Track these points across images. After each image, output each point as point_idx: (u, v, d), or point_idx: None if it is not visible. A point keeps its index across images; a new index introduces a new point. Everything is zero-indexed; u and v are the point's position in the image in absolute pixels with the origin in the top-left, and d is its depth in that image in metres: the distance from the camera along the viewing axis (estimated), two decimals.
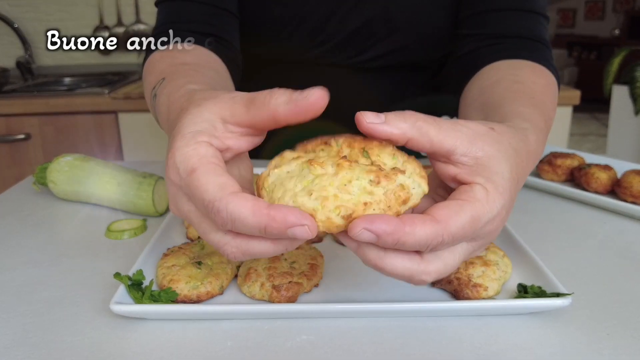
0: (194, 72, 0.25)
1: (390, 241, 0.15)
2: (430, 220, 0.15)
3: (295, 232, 0.14)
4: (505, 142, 0.18)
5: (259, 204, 0.15)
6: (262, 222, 0.14)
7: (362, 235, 0.15)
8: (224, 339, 0.21)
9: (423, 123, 0.16)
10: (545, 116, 0.24)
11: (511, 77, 0.27)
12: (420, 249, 0.15)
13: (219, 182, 0.15)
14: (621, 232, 0.32)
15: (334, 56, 0.37)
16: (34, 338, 0.21)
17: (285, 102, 0.15)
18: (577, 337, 0.21)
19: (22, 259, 0.29)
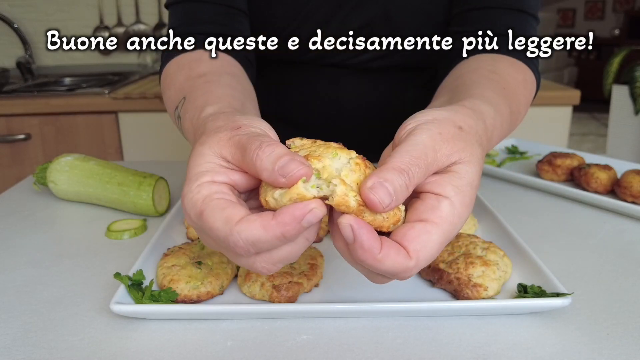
0: (211, 85, 0.26)
1: (359, 255, 0.15)
2: (404, 255, 0.16)
3: (309, 219, 0.15)
4: (474, 142, 0.18)
5: (265, 220, 0.15)
6: (278, 232, 0.15)
7: (343, 227, 0.15)
8: (224, 339, 0.21)
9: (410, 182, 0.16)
10: (512, 107, 0.24)
11: (489, 67, 0.27)
12: (376, 278, 0.17)
13: (223, 218, 0.16)
14: (621, 232, 0.32)
15: (335, 57, 0.38)
16: (34, 338, 0.21)
17: (268, 172, 0.16)
18: (577, 337, 0.21)
19: (22, 259, 0.29)
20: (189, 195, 0.16)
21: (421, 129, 0.17)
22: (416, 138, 0.17)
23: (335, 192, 0.15)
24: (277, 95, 0.42)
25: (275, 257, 0.16)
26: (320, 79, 0.39)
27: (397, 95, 0.41)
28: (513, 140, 0.51)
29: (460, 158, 0.17)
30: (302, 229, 0.15)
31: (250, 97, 0.28)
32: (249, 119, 0.19)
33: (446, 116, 0.18)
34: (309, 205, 0.15)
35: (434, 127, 0.17)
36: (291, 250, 0.16)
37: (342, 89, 0.40)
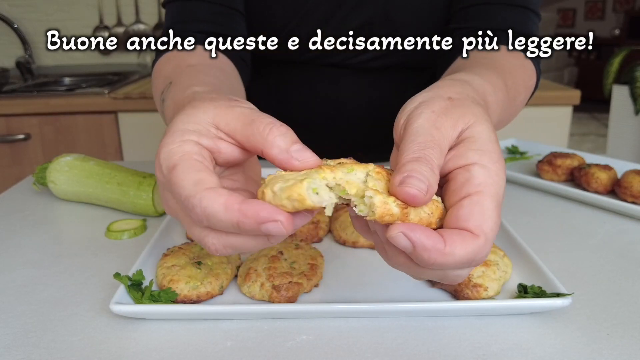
0: (199, 73, 0.25)
1: (425, 258, 0.14)
2: (469, 236, 0.14)
3: (269, 228, 0.14)
4: (470, 104, 0.17)
5: (232, 199, 0.14)
6: (234, 218, 0.14)
7: (397, 239, 0.14)
8: (223, 339, 0.21)
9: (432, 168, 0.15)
10: (507, 82, 0.23)
11: (483, 54, 0.27)
12: (450, 275, 0.15)
13: (195, 178, 0.15)
14: (621, 232, 0.32)
15: (334, 56, 0.38)
16: (33, 338, 0.21)
17: (280, 150, 0.15)
18: (577, 337, 0.21)
19: (22, 259, 0.29)
20: (168, 146, 0.15)
21: (414, 116, 0.16)
22: (413, 126, 0.16)
23: (373, 204, 0.14)
24: (276, 95, 0.42)
25: (227, 241, 0.15)
26: (320, 78, 0.39)
27: (397, 95, 0.41)
28: (513, 140, 0.51)
29: (465, 123, 0.16)
30: (258, 231, 0.14)
31: (237, 93, 0.27)
32: (245, 101, 0.18)
33: (431, 94, 0.17)
34: (277, 214, 0.14)
35: (425, 109, 0.16)
36: (246, 244, 0.15)
37: (342, 89, 0.40)
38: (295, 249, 0.26)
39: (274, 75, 0.41)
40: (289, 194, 0.14)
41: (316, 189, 0.14)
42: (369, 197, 0.14)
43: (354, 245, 0.29)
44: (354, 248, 0.29)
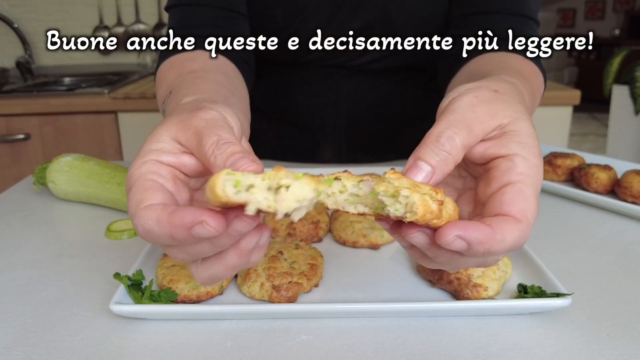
0: (198, 79, 0.25)
1: (481, 250, 0.14)
2: (513, 221, 0.15)
3: (197, 231, 0.14)
4: (514, 100, 0.18)
5: (163, 212, 0.14)
6: (167, 230, 0.14)
7: (454, 244, 0.14)
8: (223, 339, 0.21)
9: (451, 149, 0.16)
10: (531, 88, 0.24)
11: (501, 60, 0.28)
12: (502, 255, 0.15)
13: (138, 199, 0.15)
14: (621, 232, 0.32)
15: (334, 58, 0.38)
16: (33, 338, 0.21)
17: (220, 168, 0.15)
18: (577, 337, 0.21)
19: (22, 259, 0.29)
20: (130, 170, 0.16)
21: (457, 98, 0.17)
22: (453, 106, 0.17)
23: (413, 203, 0.14)
24: (277, 95, 0.42)
25: (188, 250, 0.15)
26: (320, 79, 0.39)
27: (397, 95, 0.41)
28: None
29: (507, 118, 0.17)
30: (191, 237, 0.14)
31: (239, 95, 0.27)
32: (215, 103, 0.18)
33: (480, 84, 0.18)
34: (201, 216, 0.14)
35: (470, 93, 0.17)
36: (205, 250, 0.15)
37: (342, 90, 0.40)
38: (295, 249, 0.26)
39: (274, 77, 0.41)
40: (207, 194, 0.14)
41: (239, 183, 0.13)
42: (406, 196, 0.14)
43: (354, 245, 0.29)
44: (354, 248, 0.29)
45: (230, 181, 0.13)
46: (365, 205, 0.15)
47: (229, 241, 0.15)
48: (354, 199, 0.15)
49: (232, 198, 0.13)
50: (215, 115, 0.17)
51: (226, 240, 0.15)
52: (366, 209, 0.15)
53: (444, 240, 0.14)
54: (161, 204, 0.15)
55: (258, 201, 0.13)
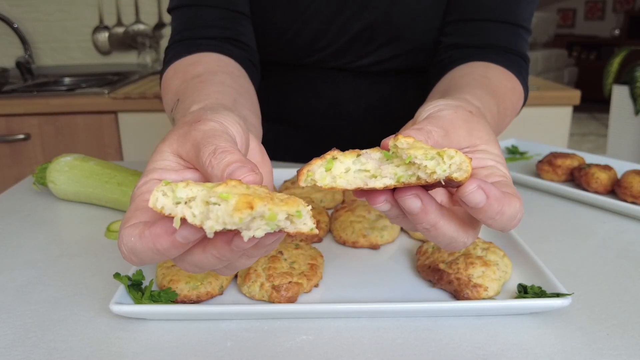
0: (204, 84, 0.25)
1: (495, 207, 0.15)
2: (513, 195, 0.16)
3: (184, 234, 0.14)
4: (485, 123, 0.19)
5: (145, 227, 0.14)
6: (150, 245, 0.14)
7: (475, 194, 0.15)
8: (223, 339, 0.21)
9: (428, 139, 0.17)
10: (499, 107, 0.25)
11: (481, 72, 0.28)
12: (505, 226, 0.16)
13: (126, 218, 0.15)
14: (621, 232, 0.32)
15: (335, 60, 0.37)
16: (33, 338, 0.21)
17: (218, 178, 0.15)
18: (577, 337, 0.21)
19: (21, 259, 0.29)
20: (134, 189, 0.17)
21: (438, 111, 0.18)
22: (434, 115, 0.18)
23: (463, 161, 0.14)
24: (277, 97, 0.41)
25: (188, 261, 0.15)
26: (320, 81, 0.39)
27: (397, 97, 0.41)
28: (513, 140, 0.51)
29: (480, 139, 0.18)
30: (178, 244, 0.14)
31: (246, 94, 0.27)
32: (215, 112, 0.18)
33: (456, 103, 0.19)
34: (173, 220, 0.14)
35: (450, 109, 0.19)
36: (202, 259, 0.15)
37: (342, 91, 0.40)
38: (295, 249, 0.26)
39: (275, 78, 0.41)
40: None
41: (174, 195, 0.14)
42: (451, 156, 0.15)
43: (354, 245, 0.29)
44: (353, 248, 0.29)
45: (165, 192, 0.14)
46: (390, 178, 0.15)
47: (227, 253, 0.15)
48: (364, 174, 0.15)
49: (164, 211, 0.14)
50: (213, 125, 0.17)
51: (225, 249, 0.15)
52: (391, 180, 0.15)
53: (467, 189, 0.15)
54: (145, 221, 0.15)
55: (184, 212, 0.14)
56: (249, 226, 0.13)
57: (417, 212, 0.16)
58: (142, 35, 1.08)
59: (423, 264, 0.26)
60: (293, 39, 0.36)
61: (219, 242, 0.14)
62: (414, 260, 0.28)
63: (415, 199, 0.15)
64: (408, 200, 0.15)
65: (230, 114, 0.18)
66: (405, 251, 0.29)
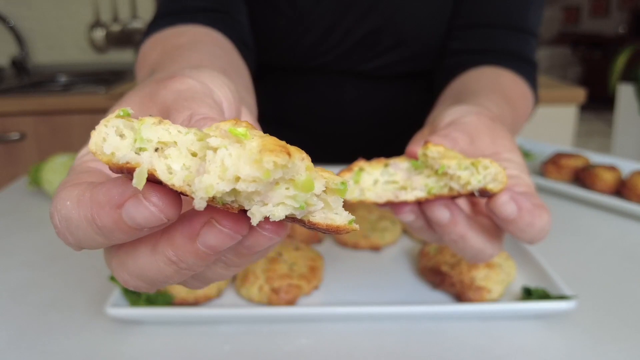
0: (187, 51, 0.20)
1: (527, 219, 0.15)
2: (544, 207, 0.16)
3: (128, 210, 0.08)
4: (506, 130, 0.19)
5: (86, 190, 0.09)
6: (87, 213, 0.09)
7: (506, 206, 0.15)
8: (221, 343, 0.21)
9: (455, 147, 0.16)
10: (513, 114, 0.25)
11: (493, 77, 0.28)
12: (533, 238, 0.16)
13: (64, 180, 0.10)
14: (627, 233, 0.32)
15: (339, 64, 0.37)
16: (27, 341, 0.21)
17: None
18: (583, 341, 0.21)
19: (16, 260, 0.28)
20: (79, 153, 0.12)
21: (462, 118, 0.18)
22: (458, 121, 0.17)
23: (498, 172, 0.14)
24: (281, 100, 0.41)
25: (129, 265, 0.10)
26: (323, 84, 0.38)
27: (401, 101, 0.40)
28: (518, 140, 0.51)
29: (504, 147, 0.18)
30: (123, 224, 0.09)
31: (239, 69, 0.21)
32: (198, 70, 0.13)
33: (479, 110, 0.19)
34: (128, 187, 0.08)
35: (472, 115, 0.18)
36: (147, 265, 0.10)
37: (345, 94, 0.39)
38: (295, 250, 0.26)
39: (278, 80, 0.40)
40: None
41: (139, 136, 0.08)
42: (486, 166, 0.14)
43: (355, 246, 0.29)
44: (354, 250, 0.29)
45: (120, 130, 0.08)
46: (420, 190, 0.15)
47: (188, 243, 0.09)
48: (393, 186, 0.15)
49: (115, 158, 0.08)
50: (192, 84, 0.12)
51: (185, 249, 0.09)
52: (422, 192, 0.15)
53: (500, 200, 0.15)
54: (92, 181, 0.10)
55: (153, 164, 0.08)
56: (266, 197, 0.08)
57: (446, 223, 0.15)
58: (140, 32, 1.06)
59: (425, 266, 0.25)
60: (296, 42, 0.35)
61: (178, 236, 0.09)
62: (416, 262, 0.27)
63: (444, 209, 0.15)
64: (437, 210, 0.15)
65: (218, 74, 0.14)
66: (407, 253, 0.28)
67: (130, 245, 0.10)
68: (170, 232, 0.10)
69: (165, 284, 0.11)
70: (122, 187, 0.09)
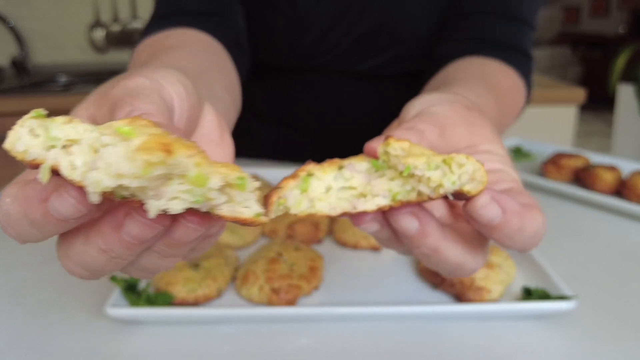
0: (170, 51, 0.21)
1: (515, 223, 0.12)
2: (537, 207, 0.13)
3: (53, 204, 0.09)
4: (484, 119, 0.16)
5: (21, 186, 0.10)
6: (22, 208, 0.10)
7: (488, 208, 0.11)
8: (221, 343, 0.21)
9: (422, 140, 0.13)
10: (500, 106, 0.22)
11: (478, 68, 0.26)
12: (525, 245, 0.13)
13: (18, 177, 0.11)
14: (627, 234, 0.32)
15: (338, 64, 0.37)
16: (28, 341, 0.21)
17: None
18: (583, 341, 0.21)
19: (16, 261, 0.29)
20: None
21: (431, 107, 0.15)
22: (427, 110, 0.15)
23: (476, 170, 0.11)
24: (280, 100, 0.41)
25: (70, 255, 0.11)
26: (322, 84, 0.38)
27: (400, 100, 0.40)
28: (517, 139, 0.50)
29: (483, 138, 0.15)
30: (50, 218, 0.09)
31: (222, 70, 0.22)
32: (152, 69, 0.14)
33: (451, 97, 0.16)
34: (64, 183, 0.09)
35: (444, 104, 0.15)
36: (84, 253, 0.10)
37: (344, 94, 0.39)
38: (295, 250, 0.26)
39: (276, 80, 0.40)
40: None
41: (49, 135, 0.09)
42: (461, 164, 0.11)
43: (355, 246, 0.29)
44: (354, 250, 0.29)
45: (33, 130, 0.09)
46: (383, 196, 0.11)
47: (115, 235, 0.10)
48: (350, 193, 0.11)
49: (27, 155, 0.09)
50: (142, 82, 0.13)
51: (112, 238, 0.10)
52: (385, 199, 0.11)
53: (479, 202, 0.11)
54: (26, 179, 0.10)
55: (58, 160, 0.09)
56: (160, 192, 0.08)
57: (414, 235, 0.12)
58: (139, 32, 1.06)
59: (425, 266, 0.25)
60: (296, 42, 0.35)
61: (105, 227, 0.10)
62: (416, 262, 0.27)
63: (411, 218, 0.12)
64: (402, 220, 0.12)
65: (174, 72, 0.14)
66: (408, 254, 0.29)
67: (68, 235, 0.11)
68: (99, 223, 0.10)
69: (104, 272, 0.11)
70: (50, 183, 0.10)
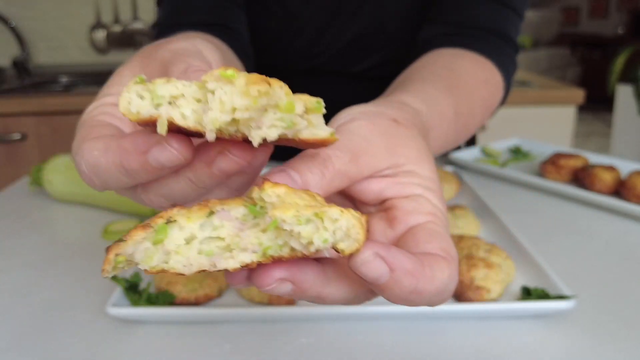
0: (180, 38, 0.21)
1: (406, 284, 0.10)
2: (440, 258, 0.11)
3: (154, 155, 0.10)
4: (415, 134, 0.14)
5: (111, 140, 0.11)
6: (117, 159, 0.11)
7: (373, 265, 0.10)
8: (222, 342, 0.21)
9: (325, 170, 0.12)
10: (459, 107, 0.21)
11: (446, 63, 0.24)
12: (430, 303, 0.11)
13: (82, 135, 0.12)
14: (626, 233, 0.32)
15: (331, 65, 0.37)
16: (29, 341, 0.21)
17: None
18: (582, 340, 0.21)
19: (17, 260, 0.29)
20: (86, 109, 0.14)
21: (350, 122, 0.14)
22: (344, 127, 0.14)
23: (352, 226, 0.09)
24: None
25: (155, 190, 0.12)
26: (317, 86, 0.39)
27: None
28: (516, 139, 0.50)
29: (405, 157, 0.13)
30: (148, 167, 0.11)
31: (230, 63, 0.23)
32: (190, 38, 0.15)
33: (377, 110, 0.15)
34: (152, 136, 0.10)
35: (365, 119, 0.14)
36: (173, 186, 0.12)
37: (337, 96, 0.39)
38: None
39: None
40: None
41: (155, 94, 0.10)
42: (335, 219, 0.09)
43: None
44: None
45: (139, 93, 0.10)
46: (253, 250, 0.10)
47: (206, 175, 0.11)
48: (217, 245, 0.10)
49: (141, 115, 0.10)
50: (185, 45, 0.14)
51: (203, 172, 0.11)
52: (253, 255, 0.10)
53: (359, 257, 0.10)
54: (111, 134, 0.12)
55: (170, 114, 0.10)
56: (260, 122, 0.10)
57: (290, 294, 0.11)
58: (141, 33, 1.07)
59: None
60: (289, 44, 0.35)
61: (197, 163, 0.11)
62: None
63: (282, 284, 0.10)
64: (268, 282, 0.10)
65: (208, 43, 0.15)
66: None
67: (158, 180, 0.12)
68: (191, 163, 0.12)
69: (180, 199, 0.13)
70: (146, 137, 0.11)
